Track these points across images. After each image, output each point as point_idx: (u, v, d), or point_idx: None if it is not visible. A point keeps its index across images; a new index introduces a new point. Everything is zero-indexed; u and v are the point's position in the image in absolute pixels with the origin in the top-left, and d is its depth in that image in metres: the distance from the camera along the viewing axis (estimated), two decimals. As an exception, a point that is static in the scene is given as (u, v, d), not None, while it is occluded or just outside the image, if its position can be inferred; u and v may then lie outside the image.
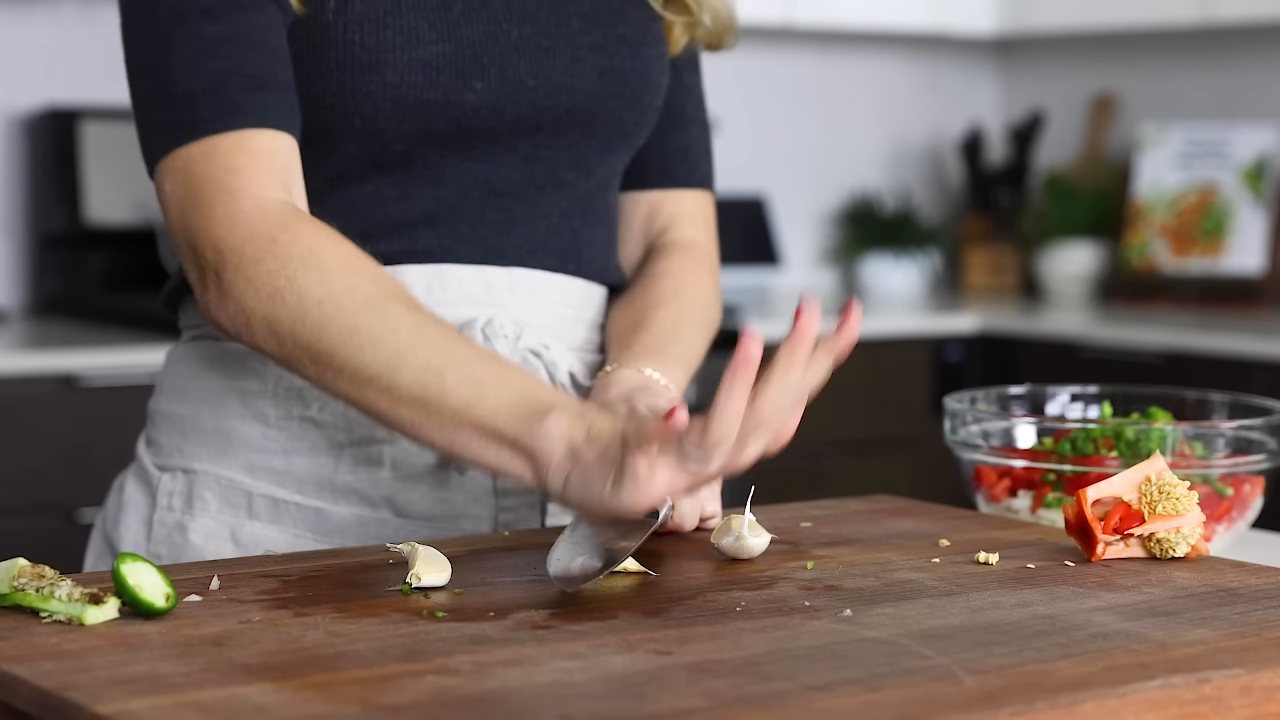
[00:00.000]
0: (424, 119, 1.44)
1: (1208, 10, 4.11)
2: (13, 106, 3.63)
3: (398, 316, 1.30)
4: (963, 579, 1.23)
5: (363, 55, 1.42)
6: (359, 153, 1.45)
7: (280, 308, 1.31)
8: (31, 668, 0.98)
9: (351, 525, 1.47)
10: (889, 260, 4.54)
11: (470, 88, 1.45)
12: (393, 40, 1.42)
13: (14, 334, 3.37)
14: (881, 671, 0.99)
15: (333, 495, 1.47)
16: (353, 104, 1.42)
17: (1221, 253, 4.27)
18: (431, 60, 1.43)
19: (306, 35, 1.42)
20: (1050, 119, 4.74)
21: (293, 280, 1.31)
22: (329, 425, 1.47)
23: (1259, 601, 1.18)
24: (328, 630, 1.08)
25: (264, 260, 1.32)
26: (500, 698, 0.95)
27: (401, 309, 1.31)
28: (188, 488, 1.49)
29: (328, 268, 1.31)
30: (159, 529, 1.50)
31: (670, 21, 1.58)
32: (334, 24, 1.42)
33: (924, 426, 4.04)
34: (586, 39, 1.51)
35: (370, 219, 1.46)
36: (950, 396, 1.60)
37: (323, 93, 1.42)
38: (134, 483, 1.53)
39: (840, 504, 1.51)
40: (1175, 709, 0.98)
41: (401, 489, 1.47)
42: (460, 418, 1.27)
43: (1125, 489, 1.31)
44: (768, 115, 4.59)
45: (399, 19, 1.43)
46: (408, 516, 1.47)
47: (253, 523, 1.48)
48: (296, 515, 1.47)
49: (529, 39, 1.48)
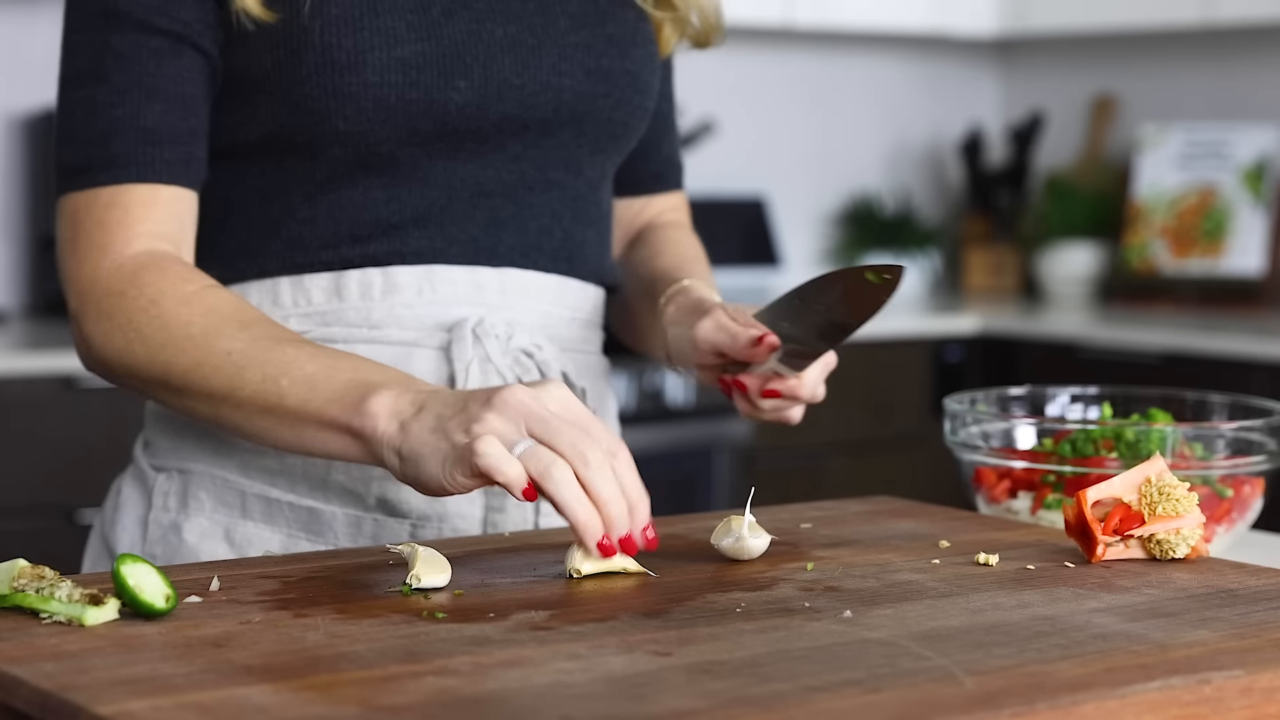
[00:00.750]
0: (408, 119, 1.44)
1: (1208, 11, 4.11)
2: (13, 106, 3.63)
3: (231, 339, 1.36)
4: (963, 580, 1.23)
5: (341, 57, 1.42)
6: (345, 155, 1.45)
7: (131, 356, 1.39)
8: (31, 669, 0.98)
9: (344, 525, 1.48)
10: (889, 261, 4.55)
11: (453, 86, 1.45)
12: (370, 40, 1.43)
13: (14, 334, 3.37)
14: (881, 672, 0.99)
15: (325, 495, 1.48)
16: (335, 106, 1.43)
17: (1221, 254, 4.27)
18: (411, 59, 1.44)
19: (284, 42, 1.43)
20: (1050, 120, 4.74)
21: (139, 331, 1.38)
22: None
23: (1259, 603, 1.18)
24: (328, 631, 1.08)
25: (115, 315, 1.39)
26: (500, 699, 0.95)
27: (234, 330, 1.37)
28: (183, 488, 1.50)
29: (165, 313, 1.38)
30: (154, 529, 1.50)
31: (659, 21, 1.59)
32: (310, 28, 1.43)
33: (924, 427, 4.04)
34: (574, 38, 1.51)
35: (360, 221, 1.47)
36: (950, 397, 1.61)
37: (304, 97, 1.43)
38: (130, 484, 1.54)
39: (840, 505, 1.51)
40: (1175, 710, 0.98)
41: (393, 488, 1.47)
42: (299, 416, 1.33)
43: (1125, 490, 1.31)
44: (768, 115, 4.59)
45: (376, 20, 1.44)
46: (400, 516, 1.48)
47: (246, 522, 1.49)
48: (290, 515, 1.48)
49: (514, 38, 1.48)
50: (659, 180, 1.69)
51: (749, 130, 4.53)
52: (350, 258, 1.47)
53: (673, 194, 1.71)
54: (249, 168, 1.47)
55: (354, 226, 1.47)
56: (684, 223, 1.71)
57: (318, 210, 1.46)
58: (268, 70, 1.43)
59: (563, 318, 1.54)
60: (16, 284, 3.67)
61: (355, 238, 1.46)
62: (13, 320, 3.55)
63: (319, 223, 1.46)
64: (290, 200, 1.47)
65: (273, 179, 1.47)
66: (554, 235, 1.53)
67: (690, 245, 1.66)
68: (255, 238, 1.48)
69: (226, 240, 1.49)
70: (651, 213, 1.69)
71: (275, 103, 1.44)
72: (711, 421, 3.71)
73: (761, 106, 4.57)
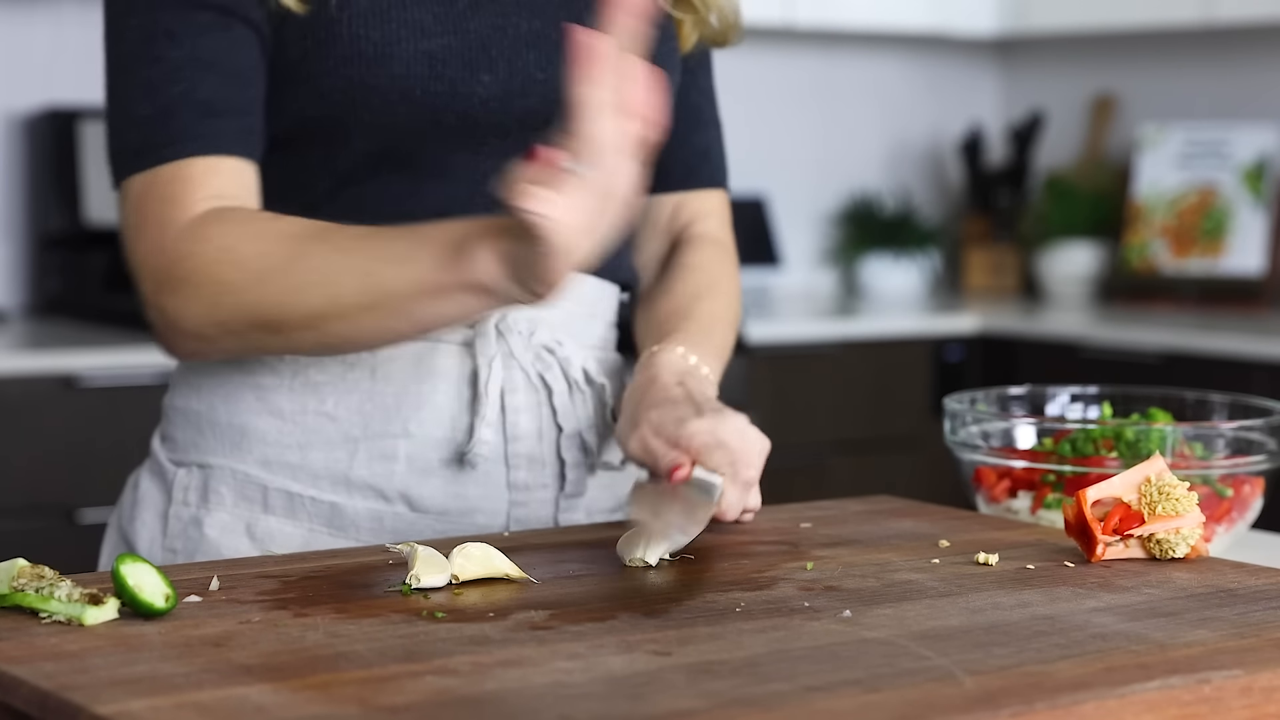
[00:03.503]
0: (431, 112, 1.44)
1: (1208, 11, 4.11)
2: (13, 106, 3.63)
3: (312, 255, 1.35)
4: (962, 580, 1.23)
5: (369, 49, 1.43)
6: (368, 148, 1.46)
7: (219, 310, 1.37)
8: (31, 668, 0.98)
9: (366, 520, 1.48)
10: (889, 261, 4.55)
11: (478, 80, 1.45)
12: (398, 33, 1.43)
13: (14, 334, 3.37)
14: (881, 672, 0.99)
15: (348, 490, 1.48)
16: (360, 98, 1.43)
17: (1221, 253, 4.27)
18: (437, 53, 1.44)
19: (312, 33, 1.43)
20: (1050, 119, 4.74)
21: (220, 282, 1.37)
22: (343, 419, 1.47)
23: (1258, 602, 1.18)
24: (327, 631, 1.08)
25: (191, 277, 1.38)
26: (499, 698, 0.95)
27: (313, 245, 1.36)
28: (203, 482, 1.50)
29: (240, 255, 1.36)
30: (174, 524, 1.50)
31: (679, 19, 1.59)
32: (339, 19, 1.43)
33: (924, 427, 4.04)
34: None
35: (382, 216, 1.45)
36: (950, 397, 1.61)
37: (330, 89, 1.43)
38: (149, 478, 1.54)
39: (840, 505, 1.51)
40: (1174, 710, 0.98)
41: (416, 483, 1.47)
42: (410, 296, 1.32)
43: (1125, 490, 1.32)
44: (768, 115, 4.59)
45: (403, 12, 1.44)
46: (422, 510, 1.48)
47: (268, 517, 1.48)
48: (312, 510, 1.48)
49: (539, 33, 1.49)
50: (691, 174, 1.66)
51: (749, 130, 4.53)
52: None
53: (709, 193, 1.67)
54: (273, 159, 1.47)
55: (376, 220, 1.45)
56: (717, 237, 1.66)
57: (339, 204, 1.46)
58: (295, 61, 1.44)
59: (582, 315, 1.54)
60: (16, 284, 3.66)
61: None
62: (13, 320, 3.55)
63: (341, 216, 1.44)
64: (313, 193, 1.47)
65: (296, 171, 1.47)
66: None
67: (704, 279, 1.61)
68: None
69: None
70: (687, 216, 1.66)
71: (302, 94, 1.44)
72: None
73: (761, 106, 4.57)
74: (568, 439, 1.51)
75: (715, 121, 1.67)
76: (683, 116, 1.62)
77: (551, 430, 1.51)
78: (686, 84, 1.63)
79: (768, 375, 3.84)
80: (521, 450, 1.49)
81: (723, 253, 1.65)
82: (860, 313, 4.16)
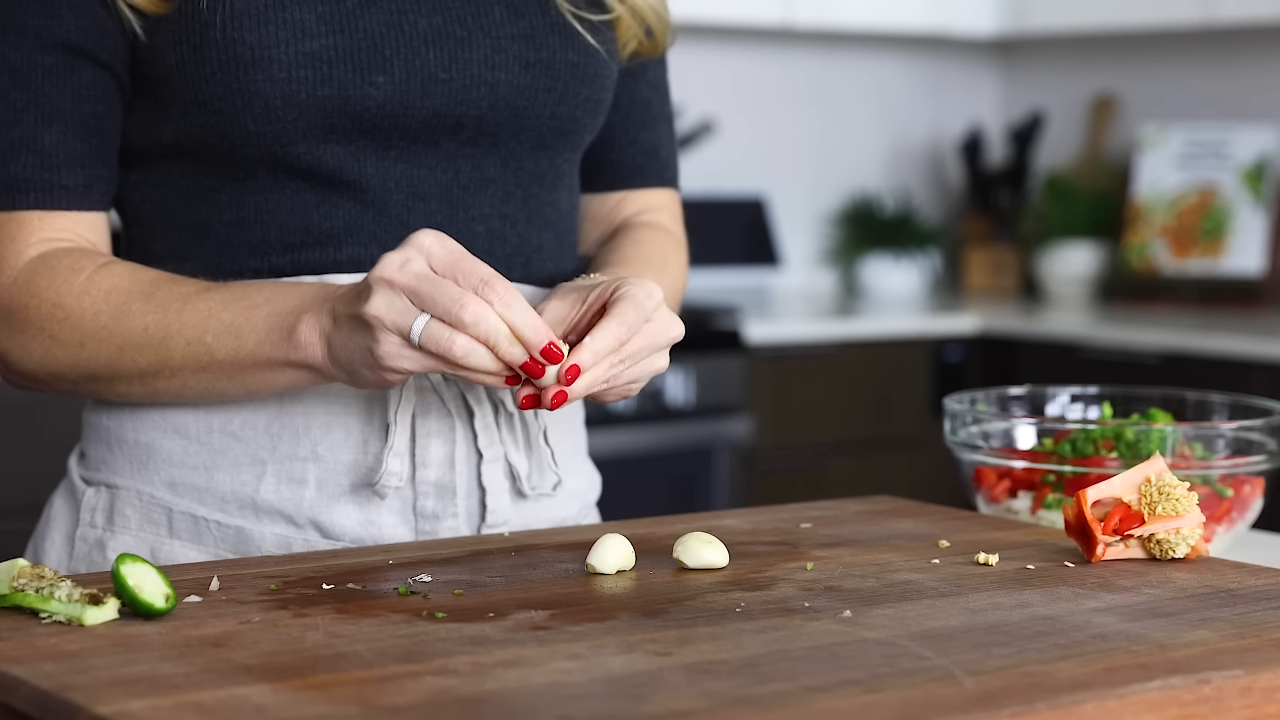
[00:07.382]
0: (322, 117, 1.37)
1: (1208, 11, 4.11)
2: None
3: (141, 314, 1.36)
4: (962, 580, 1.23)
5: (245, 53, 1.36)
6: (262, 156, 1.39)
7: (54, 362, 1.40)
8: (31, 668, 0.98)
9: (274, 546, 1.42)
10: (889, 261, 4.55)
11: (371, 82, 1.38)
12: (276, 35, 1.36)
13: None
14: (881, 672, 0.99)
15: (255, 514, 1.42)
16: (242, 105, 1.37)
17: (1221, 254, 4.27)
18: (321, 54, 1.37)
19: (186, 37, 1.37)
20: (1050, 120, 4.75)
21: (53, 337, 1.39)
22: (250, 440, 1.42)
23: (1259, 602, 1.18)
24: (327, 631, 1.08)
25: (25, 328, 1.40)
26: (499, 699, 0.95)
27: (141, 304, 1.36)
28: (110, 503, 1.45)
29: (70, 312, 1.38)
30: (80, 546, 1.46)
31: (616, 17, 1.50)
32: (211, 22, 1.36)
33: (924, 427, 4.04)
34: (510, 28, 1.43)
35: (290, 227, 1.41)
36: (950, 397, 1.60)
37: (210, 96, 1.37)
38: (61, 497, 1.50)
39: (840, 505, 1.51)
40: (1175, 710, 0.98)
41: (326, 508, 1.42)
42: (236, 366, 1.35)
43: (1125, 490, 1.31)
44: (767, 115, 4.59)
45: (282, 12, 1.37)
46: (334, 537, 1.42)
47: (173, 541, 1.43)
48: (218, 534, 1.42)
49: (440, 29, 1.41)
50: (638, 173, 1.58)
51: (749, 130, 4.53)
52: (282, 265, 1.41)
53: (657, 191, 1.59)
54: (171, 168, 1.42)
55: (284, 233, 1.41)
56: (665, 225, 1.58)
57: (245, 213, 1.40)
58: (171, 67, 1.38)
59: None
60: None
61: (287, 245, 1.40)
62: None
63: (247, 226, 1.40)
64: (216, 202, 1.41)
65: (196, 180, 1.42)
66: (508, 240, 1.46)
67: (658, 249, 1.53)
68: (184, 241, 1.43)
69: (155, 243, 1.44)
70: (630, 210, 1.58)
71: (182, 102, 1.38)
72: (711, 421, 3.70)
73: (761, 106, 4.57)
74: (489, 465, 1.44)
75: (666, 117, 1.59)
76: (630, 112, 1.55)
77: (471, 456, 1.44)
78: (637, 77, 1.55)
79: (768, 375, 3.84)
80: (430, 478, 1.42)
81: (673, 241, 1.58)
82: (860, 313, 4.16)
